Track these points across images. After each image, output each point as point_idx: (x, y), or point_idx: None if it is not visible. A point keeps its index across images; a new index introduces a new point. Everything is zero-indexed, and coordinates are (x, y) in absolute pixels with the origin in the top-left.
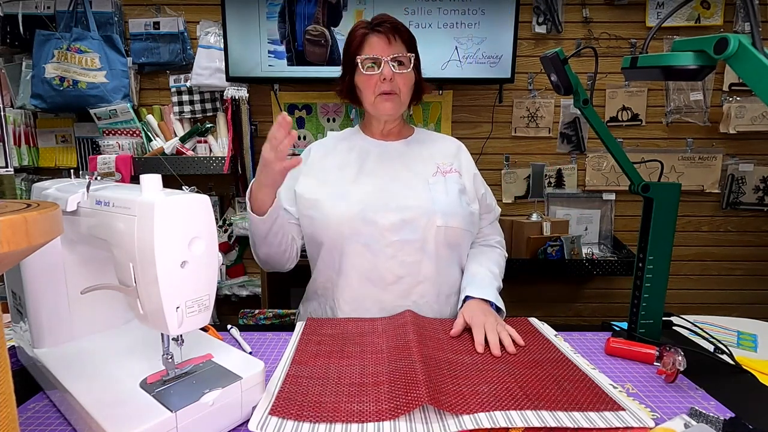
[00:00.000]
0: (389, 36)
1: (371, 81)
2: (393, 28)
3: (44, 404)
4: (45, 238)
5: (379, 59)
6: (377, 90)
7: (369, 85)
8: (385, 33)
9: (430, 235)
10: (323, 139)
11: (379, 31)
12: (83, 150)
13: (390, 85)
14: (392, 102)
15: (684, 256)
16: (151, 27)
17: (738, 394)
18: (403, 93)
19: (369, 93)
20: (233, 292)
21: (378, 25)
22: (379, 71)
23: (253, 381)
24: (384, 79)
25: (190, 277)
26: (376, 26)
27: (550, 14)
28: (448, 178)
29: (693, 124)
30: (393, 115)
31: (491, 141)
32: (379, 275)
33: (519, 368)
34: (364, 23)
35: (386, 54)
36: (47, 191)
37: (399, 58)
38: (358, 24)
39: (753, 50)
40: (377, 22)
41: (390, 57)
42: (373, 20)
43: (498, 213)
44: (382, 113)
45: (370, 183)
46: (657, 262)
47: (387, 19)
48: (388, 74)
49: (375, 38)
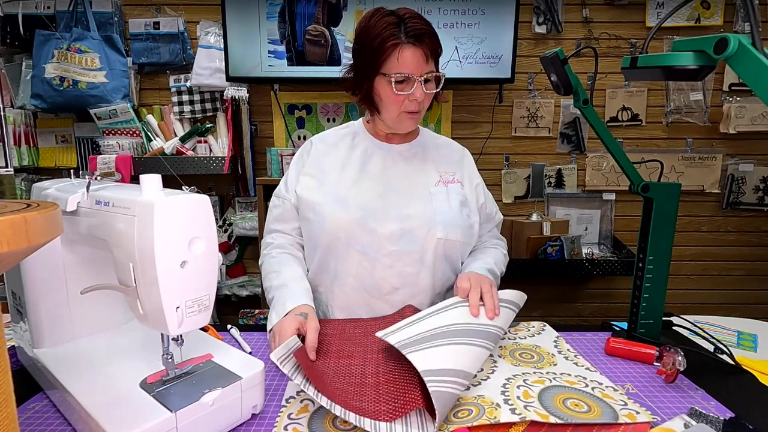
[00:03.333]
0: (426, 51)
1: (399, 98)
2: (429, 40)
3: (44, 404)
4: (45, 238)
5: (412, 78)
6: (403, 108)
7: (396, 101)
8: (422, 47)
9: (429, 247)
10: (324, 133)
11: (414, 44)
12: (83, 150)
13: (418, 106)
14: (414, 120)
15: (684, 256)
16: (151, 27)
17: (738, 394)
18: (424, 109)
19: (394, 109)
20: (233, 292)
21: (415, 36)
22: (410, 91)
23: (253, 381)
24: (413, 99)
25: (190, 277)
26: (410, 36)
27: (550, 14)
28: (450, 188)
29: (693, 124)
30: (411, 130)
31: (491, 141)
32: (375, 284)
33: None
34: (392, 24)
35: (420, 73)
36: (47, 191)
37: (431, 77)
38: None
39: (753, 50)
40: (414, 32)
41: (423, 77)
42: (407, 25)
43: (500, 220)
44: (402, 130)
45: (371, 188)
46: (657, 262)
47: (421, 26)
48: (420, 96)
49: (410, 52)
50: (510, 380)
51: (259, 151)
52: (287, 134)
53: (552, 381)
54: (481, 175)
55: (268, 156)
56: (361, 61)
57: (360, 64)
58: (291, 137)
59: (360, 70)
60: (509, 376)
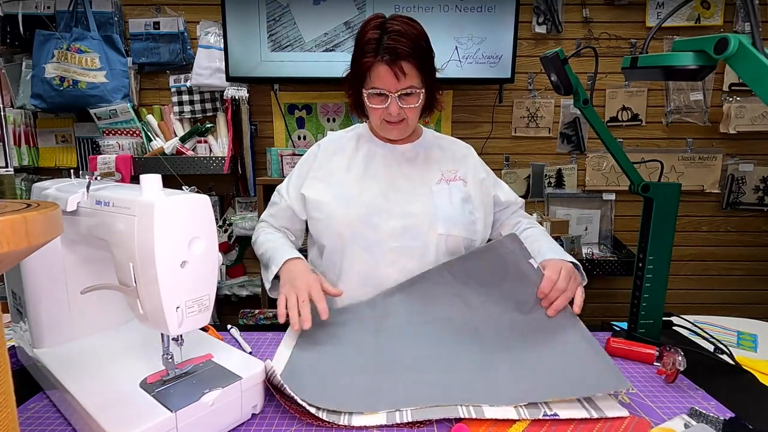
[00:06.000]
0: (397, 70)
1: (377, 111)
2: (402, 57)
3: (44, 404)
4: (45, 238)
5: (386, 93)
6: (384, 117)
7: (375, 112)
8: (391, 66)
9: (431, 243)
10: (333, 135)
11: (389, 62)
12: (83, 150)
13: (396, 117)
14: (398, 129)
15: (684, 256)
16: (151, 27)
17: (738, 394)
18: (410, 118)
19: (375, 117)
20: (233, 292)
21: (388, 52)
22: (386, 105)
23: (253, 381)
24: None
25: (190, 277)
26: (385, 53)
27: (550, 14)
28: (452, 186)
29: (693, 124)
30: (399, 138)
31: (491, 141)
32: (377, 280)
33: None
34: (374, 41)
35: (394, 89)
36: (47, 191)
37: (411, 91)
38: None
39: (753, 50)
40: (389, 50)
41: (397, 93)
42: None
43: (521, 203)
44: (388, 137)
45: (375, 186)
46: (657, 262)
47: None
48: (395, 111)
49: (382, 69)
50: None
51: (259, 151)
52: (287, 134)
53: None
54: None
55: (268, 156)
56: (352, 66)
57: (351, 71)
58: (291, 137)
59: (351, 77)
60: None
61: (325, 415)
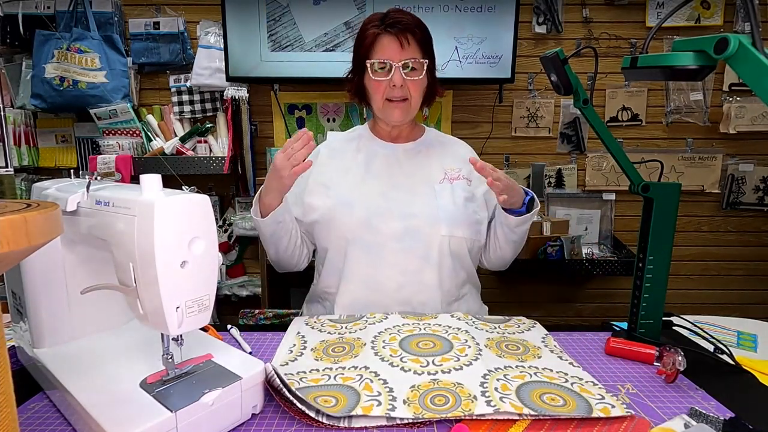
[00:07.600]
0: (402, 39)
1: (380, 85)
2: (407, 28)
3: (44, 404)
4: (45, 238)
5: (390, 64)
6: (386, 95)
7: (378, 89)
8: (397, 35)
9: (433, 244)
10: (331, 139)
11: (390, 32)
12: (83, 150)
13: (400, 91)
14: (401, 109)
15: (684, 256)
16: (151, 27)
17: (738, 394)
18: (413, 99)
19: (378, 97)
20: (233, 292)
21: (391, 24)
22: (389, 77)
23: (253, 381)
24: (394, 85)
25: (190, 277)
26: (389, 26)
27: (550, 14)
28: (456, 185)
29: (693, 124)
30: (401, 122)
31: (491, 141)
32: (380, 282)
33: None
34: (377, 19)
35: (397, 59)
36: (47, 191)
37: (411, 64)
38: (370, 19)
39: (753, 50)
40: (390, 21)
41: (401, 62)
42: (387, 17)
43: None
44: (390, 120)
45: (375, 187)
46: (657, 262)
47: (402, 18)
48: (398, 81)
49: (386, 39)
50: (491, 372)
51: (259, 151)
52: (287, 134)
53: (532, 376)
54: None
55: (268, 156)
56: (354, 57)
57: (353, 61)
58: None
59: (353, 65)
60: (491, 368)
61: (325, 419)
